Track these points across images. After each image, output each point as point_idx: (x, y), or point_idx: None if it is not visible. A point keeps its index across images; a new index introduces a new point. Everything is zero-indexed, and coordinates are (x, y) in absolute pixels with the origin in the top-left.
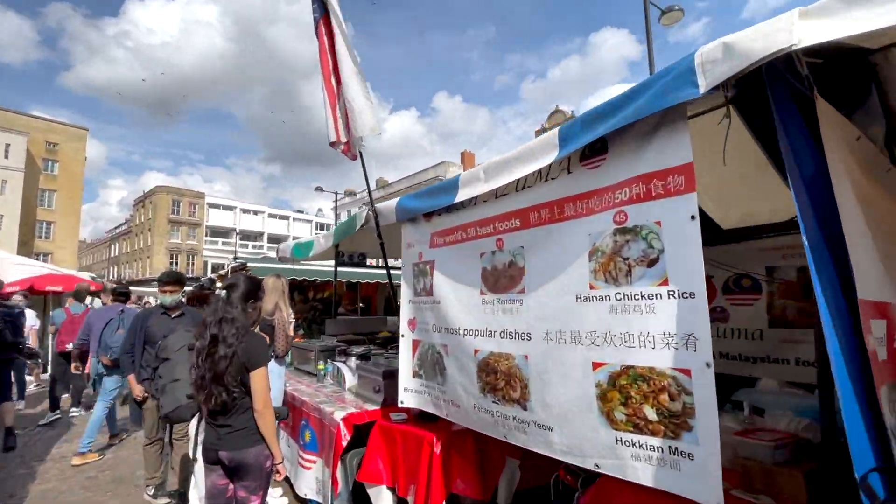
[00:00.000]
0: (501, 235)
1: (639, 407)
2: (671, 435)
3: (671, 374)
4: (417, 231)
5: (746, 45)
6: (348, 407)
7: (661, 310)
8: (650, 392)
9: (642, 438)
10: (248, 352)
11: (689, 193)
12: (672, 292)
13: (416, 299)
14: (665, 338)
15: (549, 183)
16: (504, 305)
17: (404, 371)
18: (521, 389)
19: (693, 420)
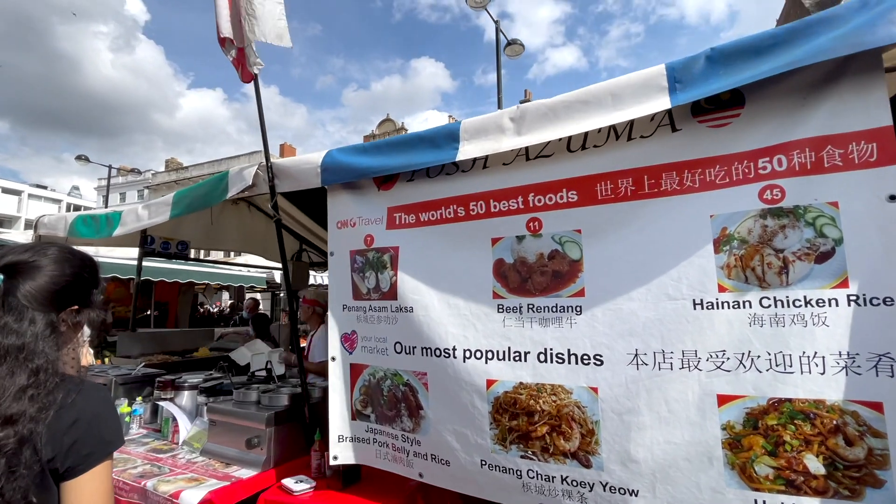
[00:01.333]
0: (539, 214)
1: (796, 457)
2: (845, 493)
3: (850, 410)
4: (363, 203)
5: None
6: (205, 479)
7: (835, 321)
8: (815, 435)
9: (799, 500)
10: (70, 434)
11: (884, 167)
12: (855, 298)
13: (360, 304)
14: (842, 359)
15: (633, 143)
16: (544, 315)
17: (337, 411)
18: (583, 437)
19: (885, 472)
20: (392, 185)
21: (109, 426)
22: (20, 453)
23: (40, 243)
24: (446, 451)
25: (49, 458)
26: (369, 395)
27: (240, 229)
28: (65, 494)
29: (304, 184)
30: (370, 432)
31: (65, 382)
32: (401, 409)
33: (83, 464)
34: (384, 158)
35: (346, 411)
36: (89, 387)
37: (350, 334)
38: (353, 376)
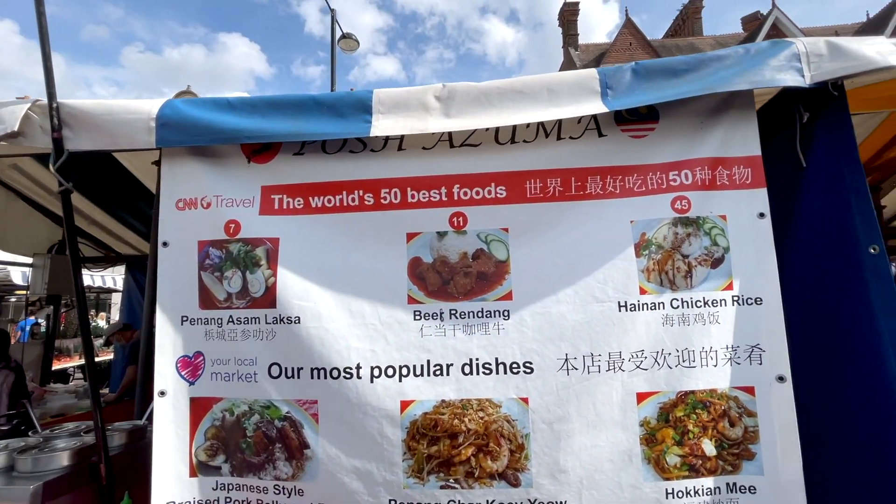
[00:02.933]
0: (464, 209)
1: (696, 443)
2: (729, 469)
3: (733, 395)
4: (223, 177)
5: (857, 49)
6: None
7: (725, 319)
8: (710, 421)
9: (698, 483)
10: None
11: (756, 189)
12: (737, 298)
13: (213, 315)
14: (728, 352)
15: (563, 143)
16: (468, 321)
17: (165, 467)
18: (512, 454)
19: (756, 445)
20: (271, 157)
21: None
22: None
23: None
24: (342, 497)
25: None
26: (221, 440)
27: None
28: None
29: (122, 141)
30: (220, 490)
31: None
32: (274, 452)
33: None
34: (263, 121)
35: (181, 466)
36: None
37: (192, 357)
38: (196, 415)
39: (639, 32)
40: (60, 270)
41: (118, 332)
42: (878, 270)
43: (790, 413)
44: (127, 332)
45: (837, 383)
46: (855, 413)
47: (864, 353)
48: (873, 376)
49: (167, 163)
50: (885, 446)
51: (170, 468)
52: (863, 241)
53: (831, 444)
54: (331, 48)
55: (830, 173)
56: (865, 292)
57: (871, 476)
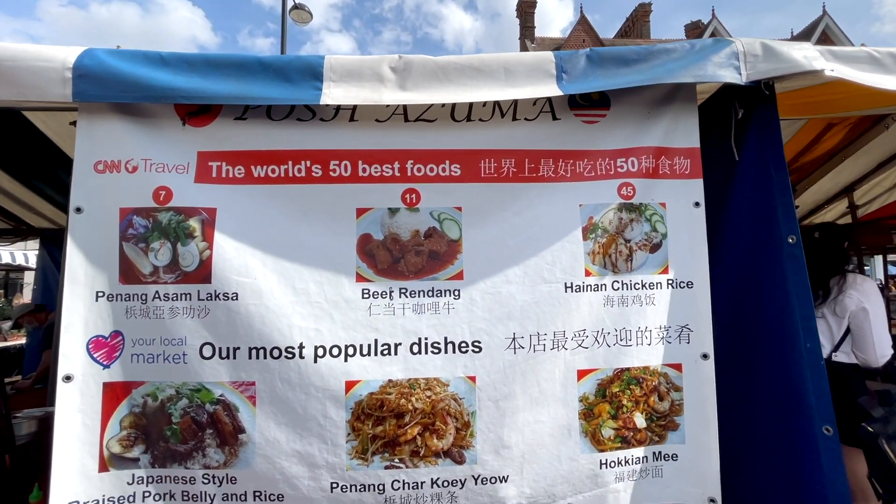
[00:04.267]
0: (417, 185)
1: (629, 416)
2: (656, 439)
3: (663, 372)
4: (154, 139)
5: (787, 52)
6: None
7: (660, 301)
8: (642, 396)
9: (629, 453)
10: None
11: (693, 179)
12: (672, 281)
13: (135, 291)
14: (661, 331)
15: (518, 124)
16: (418, 300)
17: (69, 462)
18: (458, 432)
19: (680, 417)
20: (209, 120)
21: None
22: None
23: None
24: (280, 482)
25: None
26: (141, 428)
27: None
28: None
29: (31, 91)
30: (137, 484)
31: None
32: (204, 438)
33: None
34: (201, 80)
35: (88, 460)
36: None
37: (108, 337)
38: (109, 403)
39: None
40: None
41: (29, 314)
42: (795, 258)
43: (711, 387)
44: (40, 313)
45: (755, 360)
46: (769, 387)
47: (779, 333)
48: (786, 355)
49: (85, 119)
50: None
51: (74, 463)
52: (783, 232)
53: (747, 416)
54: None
55: (759, 168)
56: (783, 278)
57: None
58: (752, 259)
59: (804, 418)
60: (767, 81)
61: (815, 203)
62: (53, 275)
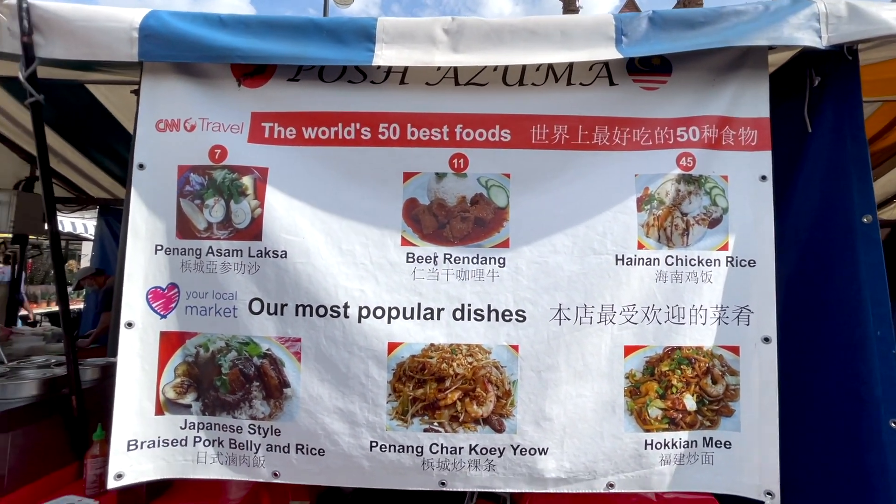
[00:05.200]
0: (466, 150)
1: (678, 397)
2: (707, 424)
3: (718, 354)
4: (211, 99)
5: (876, 13)
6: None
7: (717, 279)
8: (693, 377)
9: (676, 435)
10: None
11: (761, 151)
12: (731, 259)
13: (191, 245)
14: (717, 311)
15: (572, 90)
16: (463, 266)
17: (129, 404)
18: (498, 400)
19: (735, 403)
20: (263, 81)
21: None
22: None
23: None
24: (322, 437)
25: None
26: (193, 376)
27: None
28: None
29: (101, 51)
30: (189, 429)
31: None
32: (251, 390)
33: None
34: (257, 41)
35: (146, 403)
36: None
37: (165, 289)
38: (166, 351)
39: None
40: (28, 209)
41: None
42: (870, 240)
43: (772, 373)
44: (100, 277)
45: (818, 346)
46: (833, 376)
47: (847, 318)
48: (855, 342)
49: (149, 79)
50: (857, 408)
51: (133, 405)
52: (857, 211)
53: (805, 405)
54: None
55: (834, 141)
56: (855, 260)
57: (839, 437)
58: (819, 239)
59: (870, 410)
60: (851, 46)
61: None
62: (110, 243)
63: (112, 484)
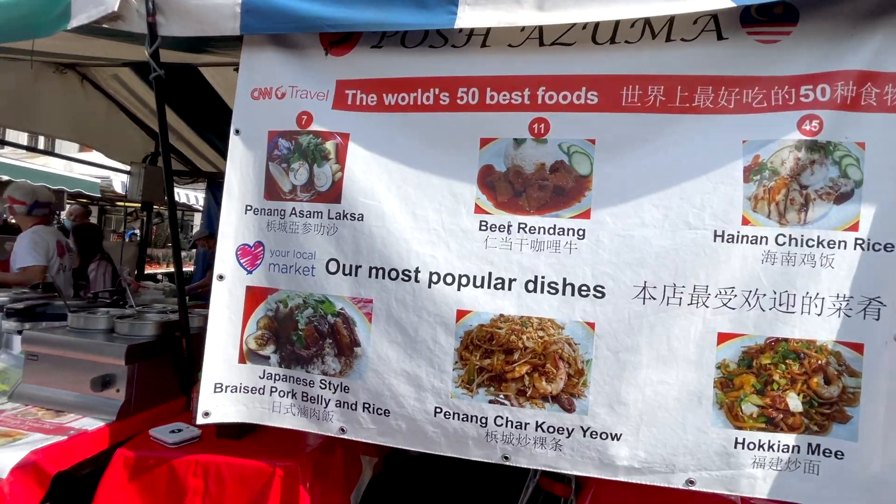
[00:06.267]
0: (547, 114)
1: (780, 395)
2: (815, 429)
3: (835, 350)
4: (300, 68)
5: None
6: (21, 433)
7: (840, 263)
8: (801, 375)
9: (774, 437)
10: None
11: None
12: (862, 242)
13: (277, 206)
14: (837, 301)
15: (672, 46)
16: (538, 237)
17: (217, 351)
18: (569, 378)
19: (853, 409)
20: (348, 49)
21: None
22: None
23: None
24: (388, 398)
25: None
26: (273, 330)
27: (68, 110)
28: None
29: (209, 27)
30: (267, 379)
31: None
32: (324, 346)
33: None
34: (344, 9)
35: (231, 351)
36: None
37: (252, 246)
38: (250, 304)
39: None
40: (152, 180)
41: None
42: None
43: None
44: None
45: None
46: None
47: None
48: None
49: (247, 52)
50: None
51: (220, 352)
52: None
53: None
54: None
55: None
56: None
57: None
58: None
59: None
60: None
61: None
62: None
63: (200, 420)
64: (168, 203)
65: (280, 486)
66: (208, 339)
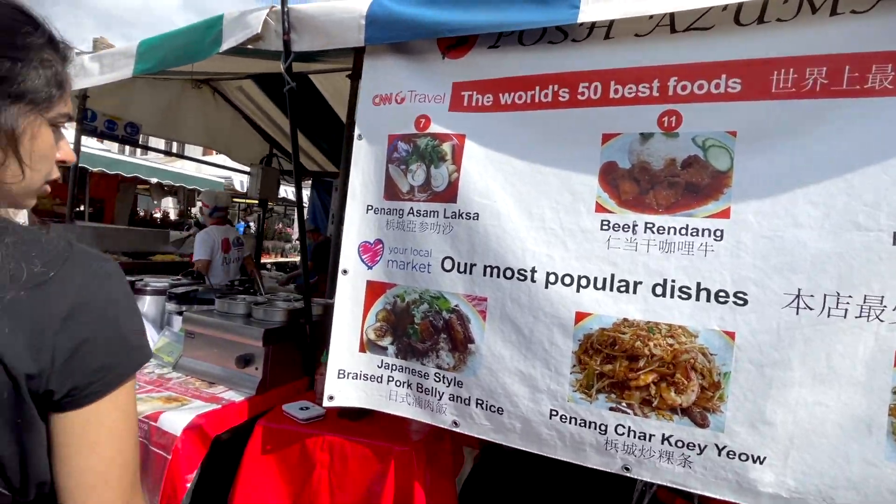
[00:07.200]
0: (678, 106)
1: None
2: None
3: None
4: (418, 73)
5: None
6: (187, 399)
7: None
8: None
9: None
10: (67, 332)
11: None
12: None
13: (395, 206)
14: None
15: (838, 20)
16: (667, 237)
17: (341, 339)
18: (703, 391)
19: None
20: (465, 51)
21: (132, 319)
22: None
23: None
24: (502, 396)
25: (30, 375)
26: (390, 323)
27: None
28: (62, 435)
29: (336, 40)
30: (384, 368)
31: (25, 241)
32: (439, 341)
33: (98, 382)
34: (462, 13)
35: (353, 340)
36: (81, 252)
37: (373, 244)
38: (370, 297)
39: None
40: (268, 179)
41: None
42: None
43: None
44: (315, 233)
45: None
46: None
47: None
48: None
49: (369, 60)
50: None
51: (344, 340)
52: None
53: None
54: None
55: None
56: None
57: None
58: None
59: None
60: None
61: None
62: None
63: (326, 403)
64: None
65: (396, 468)
66: (333, 328)
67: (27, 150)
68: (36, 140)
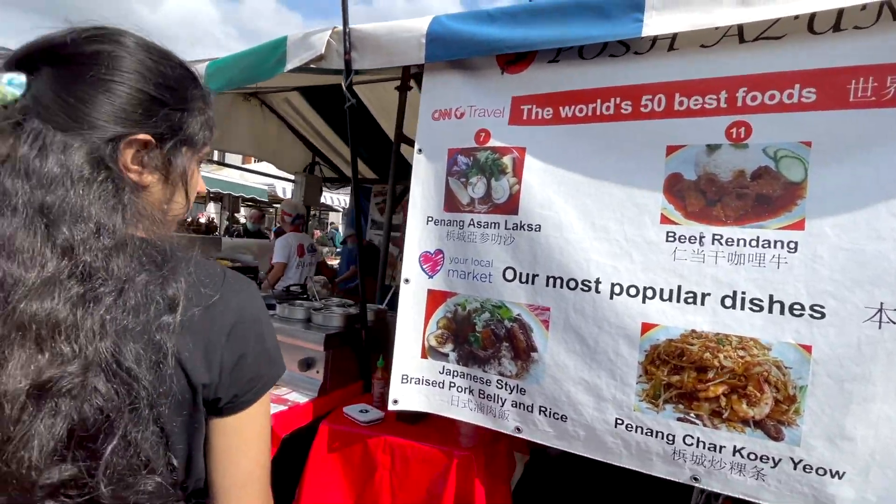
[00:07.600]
0: (748, 117)
1: None
2: None
3: None
4: (477, 88)
5: None
6: None
7: None
8: None
9: None
10: (232, 347)
11: None
12: None
13: (455, 217)
14: None
15: None
16: (737, 249)
17: (404, 345)
18: (777, 404)
19: None
20: (524, 66)
21: (272, 335)
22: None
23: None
24: (565, 404)
25: (205, 384)
26: (451, 330)
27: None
28: (221, 437)
29: (396, 58)
30: (446, 374)
31: (183, 261)
32: (501, 349)
33: (251, 391)
34: (522, 30)
35: (415, 347)
36: (232, 275)
37: (433, 254)
38: (431, 305)
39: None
40: (311, 186)
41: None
42: None
43: None
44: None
45: None
46: None
47: None
48: None
49: (428, 76)
50: None
51: (407, 347)
52: None
53: None
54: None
55: None
56: None
57: None
58: None
59: None
60: None
61: None
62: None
63: (391, 406)
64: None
65: (457, 471)
66: (397, 334)
67: (191, 185)
68: (194, 177)
